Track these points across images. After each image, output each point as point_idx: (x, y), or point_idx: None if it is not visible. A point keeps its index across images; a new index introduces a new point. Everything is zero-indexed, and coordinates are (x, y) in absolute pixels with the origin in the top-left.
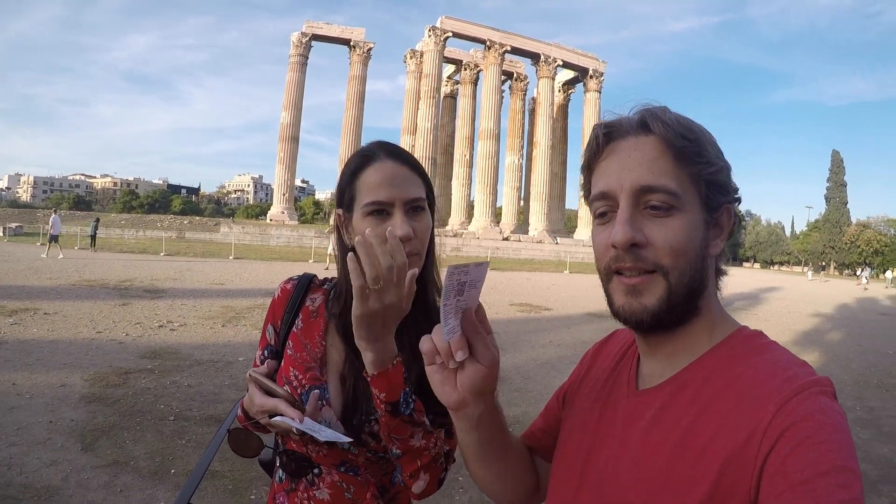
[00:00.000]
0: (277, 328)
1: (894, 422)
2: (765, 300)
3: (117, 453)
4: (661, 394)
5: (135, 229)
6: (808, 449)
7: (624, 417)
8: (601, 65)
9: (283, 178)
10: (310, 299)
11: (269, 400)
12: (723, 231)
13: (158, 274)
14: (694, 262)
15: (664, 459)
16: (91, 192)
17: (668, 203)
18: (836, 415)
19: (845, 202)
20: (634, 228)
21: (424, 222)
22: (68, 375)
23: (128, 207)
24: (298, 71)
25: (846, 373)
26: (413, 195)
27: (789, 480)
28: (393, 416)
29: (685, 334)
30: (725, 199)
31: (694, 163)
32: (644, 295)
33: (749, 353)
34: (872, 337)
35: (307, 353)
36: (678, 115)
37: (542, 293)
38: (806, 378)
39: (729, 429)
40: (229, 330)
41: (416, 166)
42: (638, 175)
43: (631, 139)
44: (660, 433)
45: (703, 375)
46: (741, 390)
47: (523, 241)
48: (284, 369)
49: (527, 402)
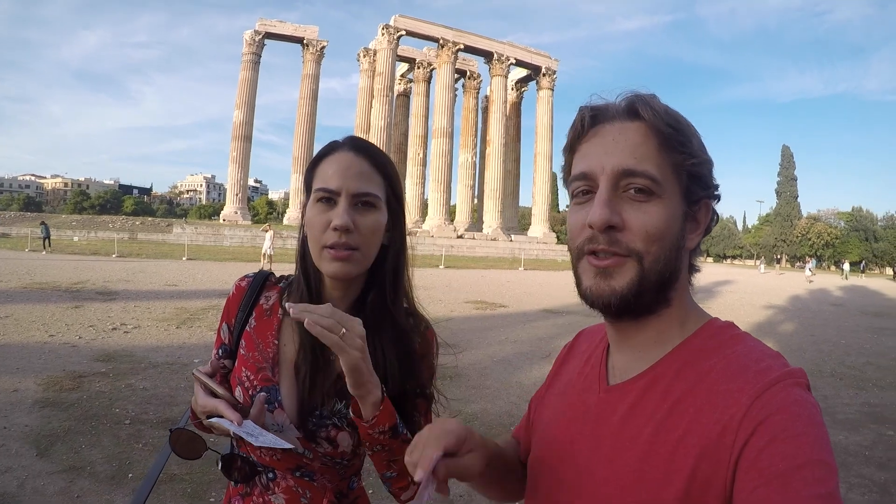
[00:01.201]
0: (232, 327)
1: (848, 409)
2: (718, 293)
3: (73, 458)
4: (633, 388)
5: (86, 230)
6: (784, 442)
7: (596, 414)
8: (554, 63)
9: (236, 178)
10: (264, 297)
11: (210, 400)
12: (699, 226)
13: (111, 276)
14: (668, 251)
15: (638, 456)
16: (41, 192)
17: (648, 188)
18: (811, 407)
19: (796, 196)
20: (612, 210)
21: (372, 219)
22: (21, 380)
23: (79, 208)
24: (251, 69)
25: (800, 363)
26: (362, 189)
27: (765, 474)
28: (394, 438)
29: (655, 325)
30: (705, 194)
31: (678, 152)
32: (614, 278)
33: (721, 345)
34: (824, 327)
35: (259, 352)
36: (666, 105)
37: (497, 290)
38: (780, 370)
39: (702, 423)
40: (184, 332)
41: (379, 163)
42: (621, 159)
43: (617, 123)
44: (633, 429)
45: (674, 369)
46: (714, 384)
47: (478, 239)
48: (237, 369)
49: (484, 398)
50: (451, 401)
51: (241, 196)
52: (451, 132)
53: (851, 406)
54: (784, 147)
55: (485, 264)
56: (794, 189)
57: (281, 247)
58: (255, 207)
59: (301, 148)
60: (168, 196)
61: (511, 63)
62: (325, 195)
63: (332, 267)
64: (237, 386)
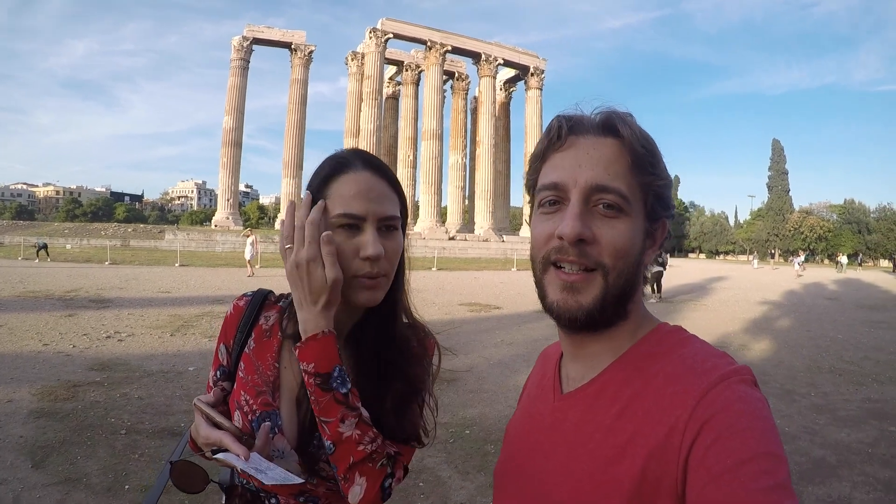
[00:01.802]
0: (230, 347)
1: (849, 406)
2: (712, 290)
3: (69, 470)
4: (584, 396)
5: (79, 238)
6: (730, 438)
7: (550, 423)
8: (542, 62)
9: (227, 184)
10: (263, 317)
11: (213, 432)
12: (656, 243)
13: (104, 283)
14: (631, 266)
15: (589, 461)
16: (34, 201)
17: (618, 205)
18: (757, 401)
19: (787, 190)
20: (584, 224)
21: (396, 242)
22: (15, 390)
23: (71, 216)
24: (240, 75)
25: (797, 359)
26: (388, 213)
27: (713, 471)
28: (323, 389)
29: (610, 336)
30: (664, 214)
31: (647, 173)
32: (581, 293)
33: (668, 349)
34: (820, 322)
35: (259, 375)
36: (639, 126)
37: (491, 292)
38: (724, 368)
39: (650, 425)
40: (178, 339)
41: (394, 182)
42: (594, 174)
43: (591, 138)
44: (584, 435)
45: (622, 375)
46: (660, 386)
47: (469, 240)
48: (236, 393)
49: (482, 402)
50: (447, 405)
51: (232, 201)
52: (440, 134)
53: (852, 402)
54: (774, 141)
55: (477, 265)
56: (785, 183)
57: (273, 251)
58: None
59: (291, 153)
60: (160, 202)
61: (499, 63)
62: (350, 221)
63: (365, 296)
64: (235, 409)
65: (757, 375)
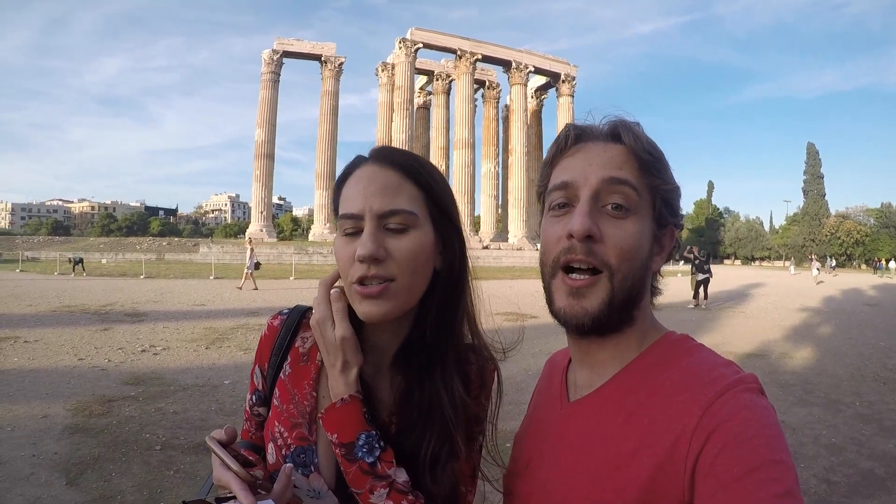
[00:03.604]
0: (265, 371)
1: (895, 415)
2: (751, 297)
3: (103, 487)
4: (590, 404)
5: (114, 252)
6: (737, 447)
7: (557, 430)
8: (573, 69)
9: (260, 196)
10: (300, 338)
11: (224, 474)
12: (664, 250)
13: (139, 297)
14: (638, 269)
15: (594, 471)
16: (69, 216)
17: (627, 202)
18: (763, 409)
19: (823, 194)
20: (593, 221)
21: (409, 240)
22: (50, 405)
23: (106, 231)
24: (271, 88)
25: (840, 367)
26: (389, 207)
27: (721, 480)
28: (348, 460)
29: (616, 343)
30: (673, 220)
31: (655, 176)
32: (587, 298)
33: (674, 358)
34: (862, 329)
35: (294, 405)
36: (646, 134)
37: (527, 300)
38: (731, 377)
39: (656, 435)
40: (213, 352)
41: (411, 170)
42: (605, 171)
43: (600, 143)
44: (589, 443)
45: (629, 384)
46: (666, 396)
47: (503, 249)
48: (270, 422)
49: (522, 414)
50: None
51: (265, 214)
52: (472, 143)
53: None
54: (809, 145)
55: (512, 274)
56: (821, 187)
57: (307, 263)
58: (279, 225)
59: (324, 164)
60: (193, 216)
61: (530, 71)
62: (348, 224)
63: (362, 307)
64: (269, 442)
65: (800, 385)
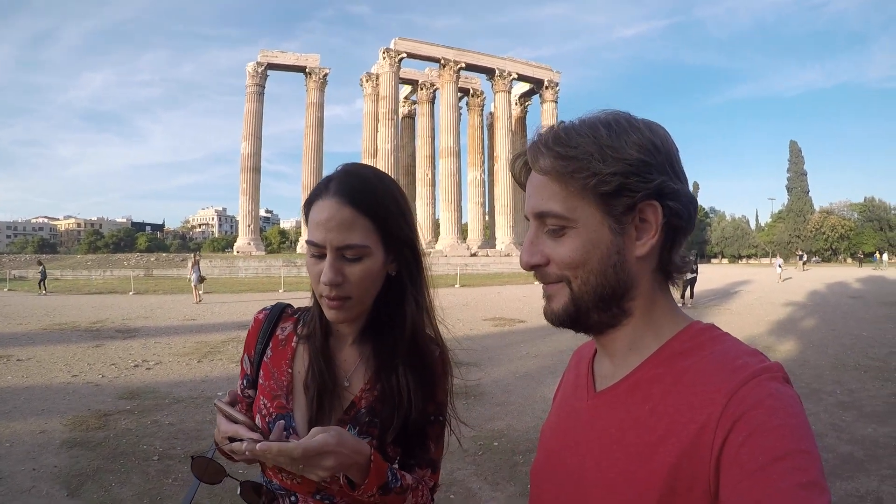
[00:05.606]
0: (252, 358)
1: (875, 402)
2: (737, 294)
3: (104, 497)
4: (616, 394)
5: (101, 269)
6: (762, 435)
7: (585, 421)
8: (556, 75)
9: (248, 210)
10: (280, 328)
11: (230, 426)
12: (651, 227)
13: (129, 313)
14: (599, 270)
15: (622, 460)
16: (55, 234)
17: (558, 224)
18: (789, 398)
19: (807, 191)
20: (533, 252)
21: (360, 268)
22: (47, 421)
23: (93, 248)
24: (256, 101)
25: (823, 357)
26: (346, 242)
27: (746, 468)
28: (385, 494)
29: (625, 335)
30: (631, 200)
31: (575, 179)
32: (553, 300)
33: (699, 346)
34: (845, 320)
35: (274, 381)
36: (564, 130)
37: (515, 306)
38: (756, 366)
39: (681, 424)
40: (205, 365)
41: (366, 206)
42: (534, 202)
43: (536, 176)
44: (616, 433)
45: (652, 374)
46: (690, 384)
47: (491, 256)
48: (257, 400)
49: (509, 415)
50: (475, 419)
51: (253, 227)
52: (458, 151)
53: (878, 398)
54: (792, 142)
55: (500, 280)
56: (804, 184)
57: (296, 275)
58: (267, 237)
59: (310, 176)
60: (181, 231)
61: (513, 78)
62: (315, 249)
63: (329, 315)
64: (257, 414)
65: None
